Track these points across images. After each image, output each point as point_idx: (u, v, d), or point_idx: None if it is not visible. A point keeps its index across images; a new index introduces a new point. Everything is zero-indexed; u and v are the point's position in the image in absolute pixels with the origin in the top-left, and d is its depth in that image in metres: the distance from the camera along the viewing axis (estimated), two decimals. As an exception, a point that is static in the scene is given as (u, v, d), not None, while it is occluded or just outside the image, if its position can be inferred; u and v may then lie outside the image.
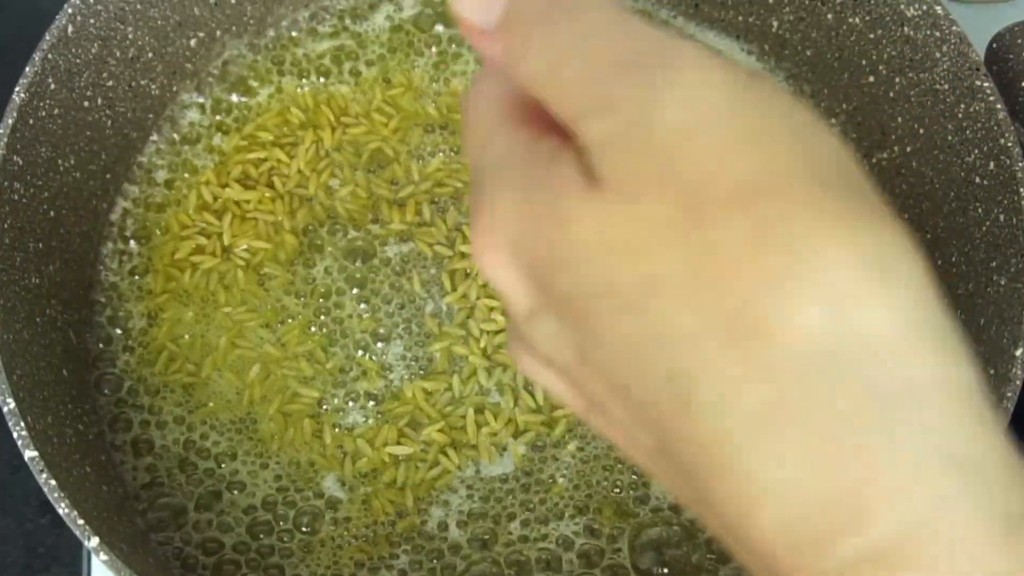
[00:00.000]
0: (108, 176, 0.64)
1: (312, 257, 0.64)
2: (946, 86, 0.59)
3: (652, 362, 0.25)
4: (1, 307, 0.53)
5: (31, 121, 0.56)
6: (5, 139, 0.55)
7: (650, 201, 0.25)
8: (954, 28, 0.59)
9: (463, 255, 0.63)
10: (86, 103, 0.61)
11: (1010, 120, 0.56)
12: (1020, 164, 0.55)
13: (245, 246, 0.64)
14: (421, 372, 0.61)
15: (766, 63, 0.69)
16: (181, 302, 0.63)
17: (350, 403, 0.60)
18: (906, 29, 0.61)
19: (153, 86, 0.65)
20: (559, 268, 0.26)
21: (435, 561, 0.57)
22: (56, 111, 0.58)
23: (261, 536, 0.58)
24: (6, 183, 0.55)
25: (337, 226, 0.64)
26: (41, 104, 0.57)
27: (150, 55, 0.64)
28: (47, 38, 0.57)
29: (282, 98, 0.67)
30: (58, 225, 0.59)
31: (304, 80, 0.68)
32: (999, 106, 0.57)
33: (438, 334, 0.62)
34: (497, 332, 0.61)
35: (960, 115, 0.59)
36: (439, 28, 0.69)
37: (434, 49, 0.69)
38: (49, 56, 0.57)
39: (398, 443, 0.60)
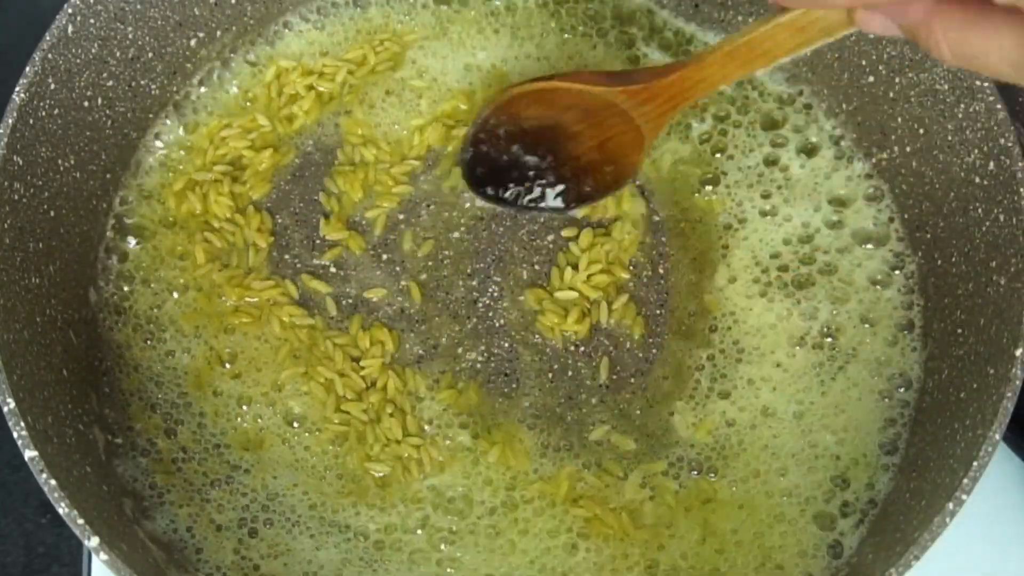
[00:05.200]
0: (108, 176, 0.64)
1: (316, 256, 0.64)
2: (946, 86, 0.59)
3: None
4: (1, 307, 0.53)
5: (31, 121, 0.56)
6: (5, 139, 0.55)
7: None
8: (954, 28, 0.59)
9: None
10: (86, 103, 0.61)
11: (1010, 120, 0.56)
12: (1020, 164, 0.55)
13: (250, 244, 0.64)
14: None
15: (766, 63, 0.69)
16: (182, 301, 0.63)
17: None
18: (906, 29, 0.61)
19: (153, 86, 0.65)
20: None
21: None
22: (56, 111, 0.58)
23: (261, 535, 0.58)
24: (6, 183, 0.55)
25: (347, 217, 0.65)
26: (41, 104, 0.57)
27: (150, 55, 0.64)
28: (47, 38, 0.57)
29: (282, 97, 0.67)
30: (58, 225, 0.59)
31: (304, 80, 0.68)
32: (999, 106, 0.57)
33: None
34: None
35: (960, 115, 0.59)
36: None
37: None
38: (49, 56, 0.57)
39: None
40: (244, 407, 0.61)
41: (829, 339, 0.62)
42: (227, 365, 0.62)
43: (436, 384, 0.62)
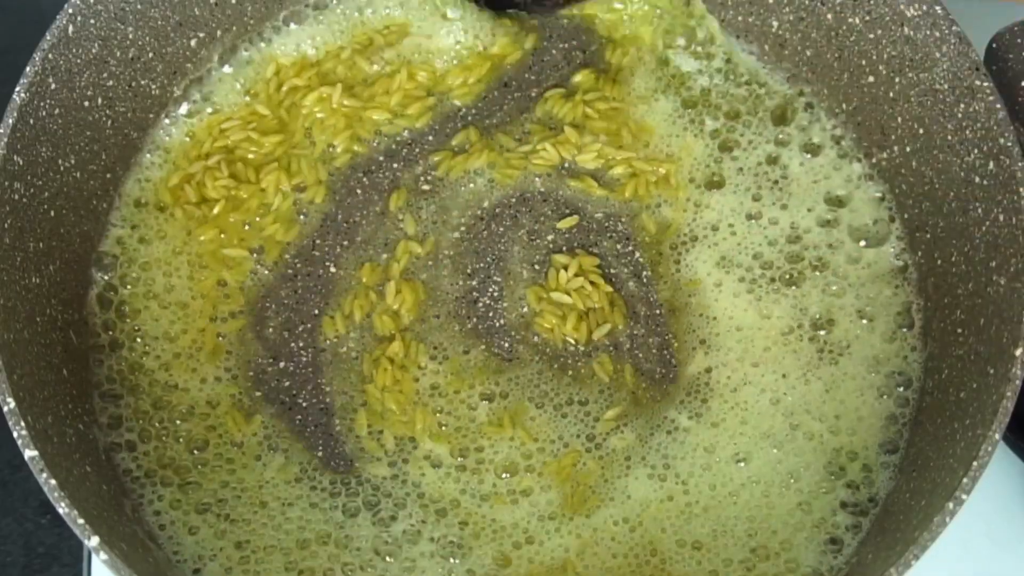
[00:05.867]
0: (108, 176, 0.64)
1: (321, 253, 0.64)
2: (946, 86, 0.59)
3: None
4: (1, 307, 0.53)
5: (31, 121, 0.57)
6: (5, 139, 0.55)
7: None
8: (954, 28, 0.59)
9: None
10: (86, 103, 0.61)
11: (1010, 120, 0.56)
12: (1020, 164, 0.55)
13: (256, 245, 0.64)
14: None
15: (766, 63, 0.69)
16: (185, 301, 0.63)
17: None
18: (906, 29, 0.61)
19: (153, 86, 0.65)
20: None
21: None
22: (56, 111, 0.58)
23: (258, 532, 0.58)
24: (6, 183, 0.55)
25: (343, 218, 0.65)
26: (41, 104, 0.57)
27: (150, 55, 0.64)
28: (47, 38, 0.57)
29: (282, 93, 0.67)
30: (58, 225, 0.59)
31: (304, 75, 0.68)
32: (999, 106, 0.57)
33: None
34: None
35: (960, 115, 0.59)
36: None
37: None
38: (49, 56, 0.57)
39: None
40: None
41: (822, 332, 0.62)
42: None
43: (436, 384, 0.62)
